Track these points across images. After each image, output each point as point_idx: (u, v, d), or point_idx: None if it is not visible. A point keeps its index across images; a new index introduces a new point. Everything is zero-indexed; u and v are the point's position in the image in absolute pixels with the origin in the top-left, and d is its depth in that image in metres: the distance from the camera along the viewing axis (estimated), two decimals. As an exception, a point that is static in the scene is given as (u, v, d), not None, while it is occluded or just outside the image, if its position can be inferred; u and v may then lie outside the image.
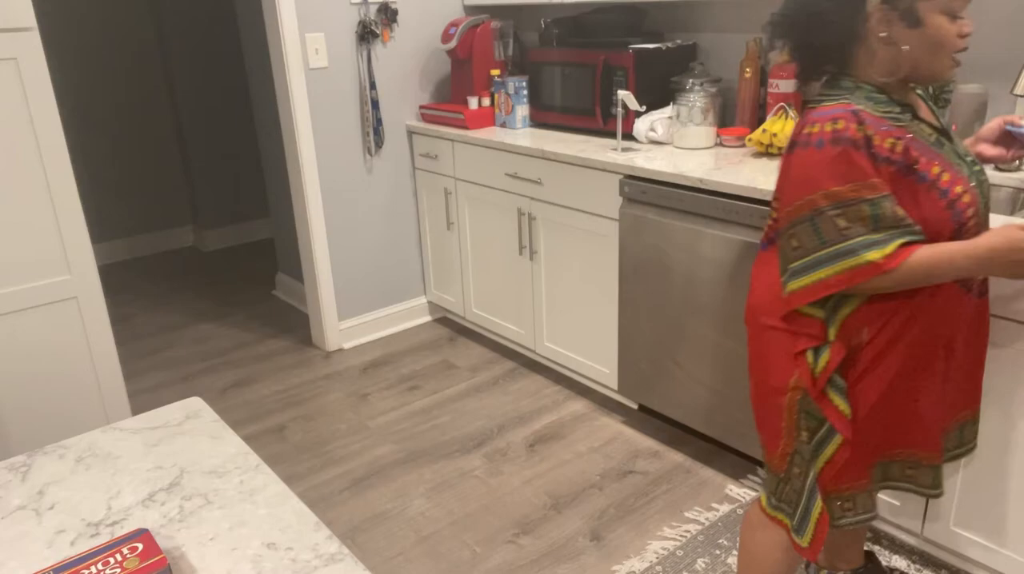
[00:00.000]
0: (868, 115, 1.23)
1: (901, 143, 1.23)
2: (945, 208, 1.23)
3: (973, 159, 1.33)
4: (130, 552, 0.82)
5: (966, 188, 1.26)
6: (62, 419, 2.01)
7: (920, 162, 1.24)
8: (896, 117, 1.26)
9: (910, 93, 1.32)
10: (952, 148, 1.30)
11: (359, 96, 3.14)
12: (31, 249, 1.91)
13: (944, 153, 1.27)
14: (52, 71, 1.87)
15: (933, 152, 1.26)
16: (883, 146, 1.22)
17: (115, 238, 4.59)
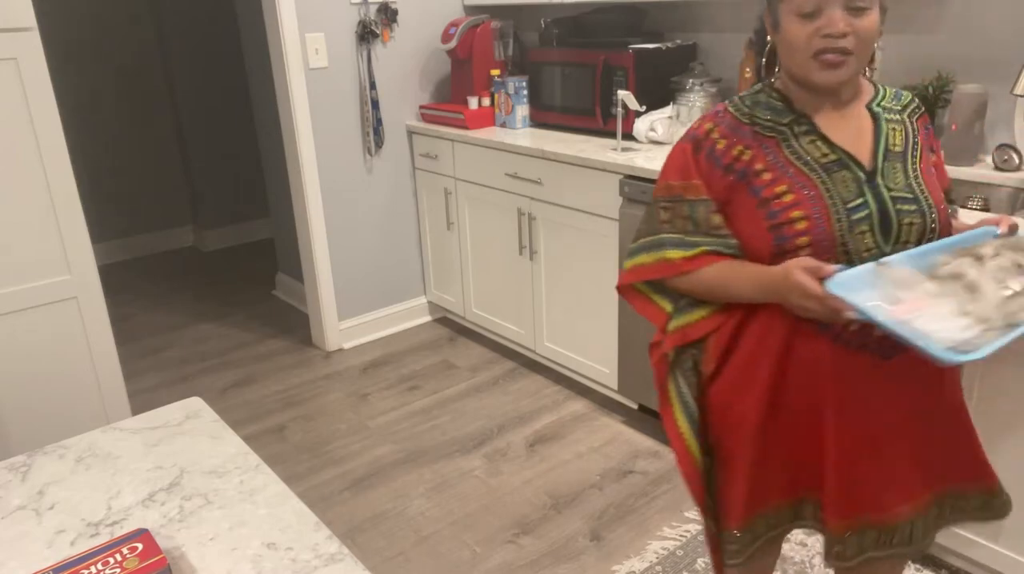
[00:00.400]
0: (731, 118, 1.20)
1: (749, 153, 1.17)
2: (768, 230, 1.14)
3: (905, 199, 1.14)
4: (130, 552, 0.82)
5: (813, 217, 1.11)
6: (62, 419, 2.01)
7: (761, 177, 1.16)
8: (773, 125, 1.17)
9: (819, 102, 1.18)
10: (855, 177, 1.14)
11: (359, 96, 3.14)
12: (31, 249, 1.91)
13: (823, 179, 1.14)
14: (52, 71, 1.86)
15: (795, 172, 1.14)
16: (729, 153, 1.18)
17: (115, 238, 4.59)
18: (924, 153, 1.19)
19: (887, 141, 1.17)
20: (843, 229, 1.12)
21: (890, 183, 1.14)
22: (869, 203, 1.13)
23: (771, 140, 1.17)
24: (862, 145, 1.17)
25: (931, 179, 1.18)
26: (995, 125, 2.09)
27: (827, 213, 1.12)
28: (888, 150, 1.17)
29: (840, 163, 1.15)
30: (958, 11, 2.12)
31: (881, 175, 1.15)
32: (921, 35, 2.20)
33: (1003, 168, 2.00)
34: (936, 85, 2.12)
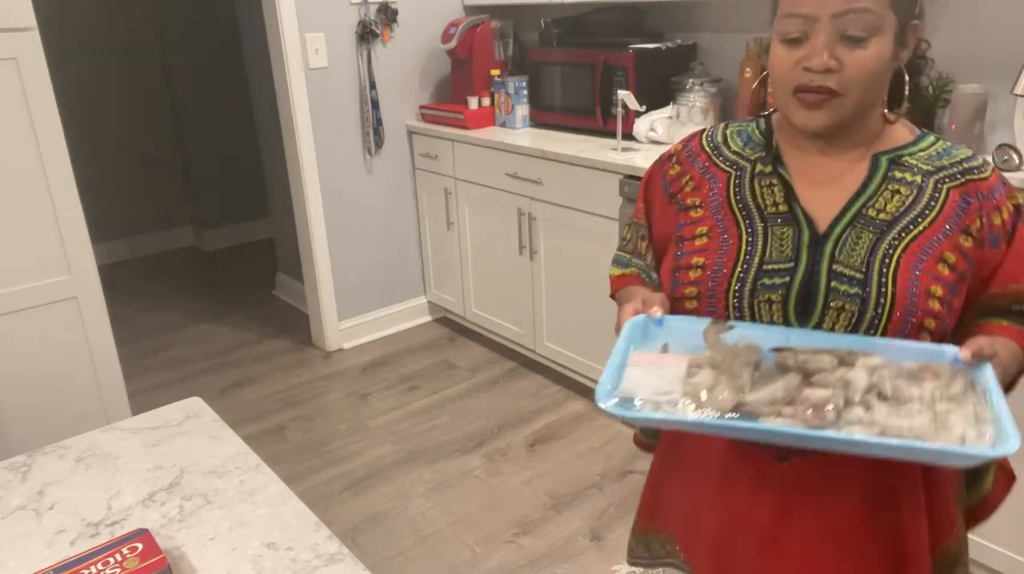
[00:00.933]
0: (696, 143, 1.08)
1: (691, 184, 1.05)
2: (670, 271, 1.03)
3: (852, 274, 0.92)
4: (130, 552, 0.82)
5: (711, 269, 0.97)
6: (62, 419, 2.01)
7: (690, 213, 1.03)
8: (735, 159, 1.04)
9: (803, 141, 1.00)
10: (796, 237, 0.95)
11: (359, 96, 3.14)
12: (31, 249, 1.91)
13: (755, 230, 0.97)
14: (52, 71, 1.87)
15: (726, 215, 1.00)
16: (679, 181, 1.07)
17: (115, 238, 4.59)
18: (936, 232, 0.92)
19: (869, 203, 0.95)
20: (742, 292, 0.95)
21: (841, 254, 0.93)
22: (797, 271, 0.93)
23: (723, 175, 1.03)
24: (831, 201, 0.96)
25: (925, 266, 0.91)
26: (995, 125, 2.09)
27: (730, 269, 0.96)
28: (862, 215, 0.94)
29: (788, 218, 0.96)
30: (958, 11, 2.12)
31: (834, 243, 0.94)
32: (921, 35, 2.20)
33: (1003, 168, 2.00)
34: (936, 85, 2.12)
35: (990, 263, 0.95)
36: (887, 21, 0.88)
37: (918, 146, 0.98)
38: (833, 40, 0.88)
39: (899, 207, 0.94)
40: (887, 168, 0.96)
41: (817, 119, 0.92)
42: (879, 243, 0.92)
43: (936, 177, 0.95)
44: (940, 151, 0.98)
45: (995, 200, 0.95)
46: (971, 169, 0.96)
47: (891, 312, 0.90)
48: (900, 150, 0.97)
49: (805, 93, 0.90)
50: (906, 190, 0.95)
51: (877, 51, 0.88)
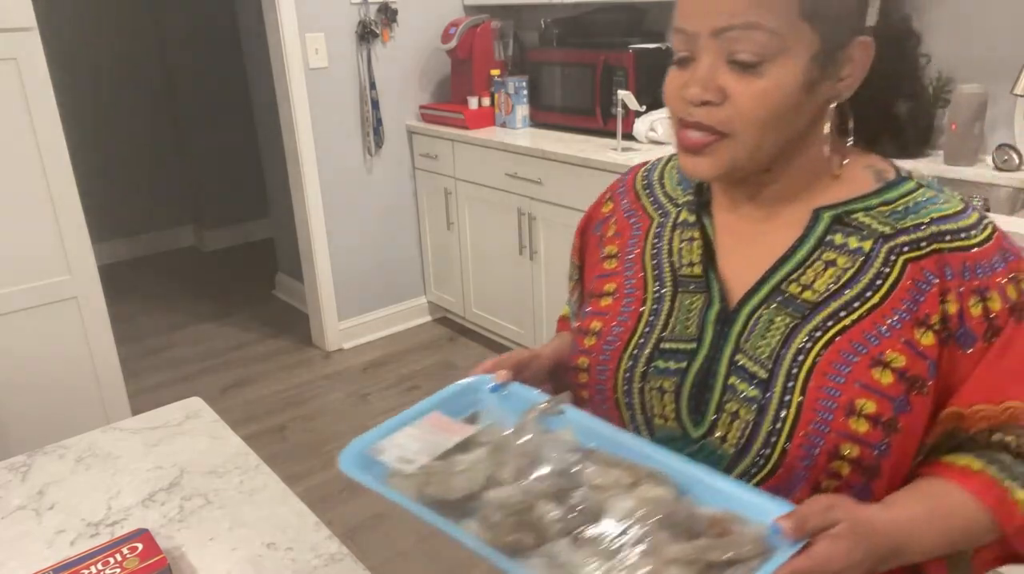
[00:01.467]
0: (631, 179, 0.92)
1: (614, 228, 0.88)
2: (575, 330, 0.87)
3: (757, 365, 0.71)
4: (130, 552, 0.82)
5: (605, 338, 0.80)
6: (62, 419, 2.01)
7: (604, 265, 0.87)
8: (663, 202, 0.86)
9: (732, 187, 0.79)
10: (703, 309, 0.76)
11: (359, 96, 3.14)
12: (31, 249, 1.91)
13: (662, 295, 0.79)
14: (52, 71, 1.87)
15: (636, 272, 0.82)
16: (608, 221, 0.90)
17: (115, 238, 4.59)
18: (878, 322, 0.69)
19: (793, 276, 0.73)
20: (633, 373, 0.77)
21: (747, 341, 0.73)
22: (697, 355, 0.75)
23: (646, 222, 0.85)
24: (752, 268, 0.76)
25: (853, 370, 0.68)
26: (995, 125, 2.09)
27: (624, 342, 0.79)
28: (781, 290, 0.73)
29: (701, 284, 0.78)
30: (958, 11, 2.12)
31: (743, 324, 0.73)
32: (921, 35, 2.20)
33: (1003, 168, 2.00)
34: (936, 85, 2.12)
35: (961, 370, 0.69)
36: (795, 41, 0.66)
37: (882, 197, 0.74)
38: (718, 65, 0.68)
39: (831, 284, 0.71)
40: (826, 229, 0.73)
41: (701, 166, 0.72)
42: (796, 332, 0.70)
43: (893, 243, 0.71)
44: (912, 205, 0.73)
45: (981, 280, 0.69)
46: (949, 233, 0.70)
47: (793, 430, 0.68)
48: (851, 204, 0.74)
49: (685, 130, 0.72)
50: (845, 260, 0.71)
51: (777, 81, 0.66)
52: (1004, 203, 1.99)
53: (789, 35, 0.66)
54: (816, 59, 0.67)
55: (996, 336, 0.69)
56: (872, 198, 0.74)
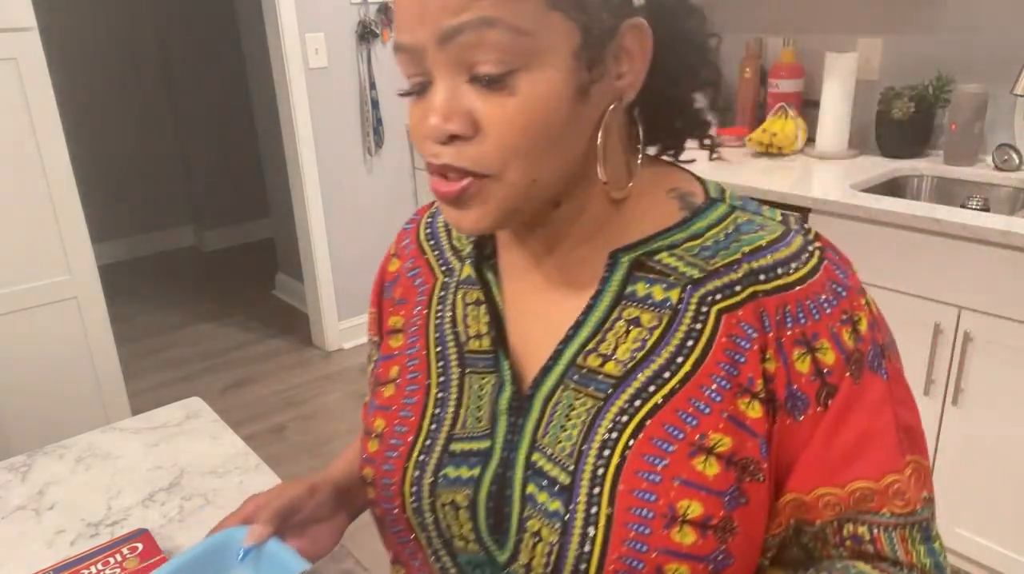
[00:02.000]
0: (415, 228, 0.73)
1: (400, 291, 0.71)
2: (362, 432, 0.69)
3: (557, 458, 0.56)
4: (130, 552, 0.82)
5: (387, 442, 0.63)
6: (62, 419, 2.01)
7: (389, 341, 0.69)
8: (449, 257, 0.68)
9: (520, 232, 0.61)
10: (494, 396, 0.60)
11: (359, 96, 3.14)
12: (31, 249, 1.91)
13: (447, 380, 0.62)
14: (52, 71, 1.87)
15: (419, 351, 0.65)
16: (395, 285, 0.72)
17: (115, 238, 4.59)
18: (692, 395, 0.54)
19: (591, 343, 0.57)
20: (420, 487, 0.60)
21: (545, 436, 0.56)
22: (491, 457, 0.58)
23: (430, 281, 0.68)
24: (548, 335, 0.59)
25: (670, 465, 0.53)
26: (995, 125, 2.09)
27: (409, 445, 0.62)
28: (578, 365, 0.57)
29: (490, 361, 0.61)
30: (958, 11, 2.12)
31: (540, 412, 0.57)
32: (921, 35, 2.20)
33: (1003, 168, 2.00)
34: (936, 85, 2.12)
35: (797, 443, 0.54)
36: (548, 38, 0.49)
37: (689, 229, 0.57)
38: (458, 85, 0.51)
39: (635, 350, 0.55)
40: (625, 278, 0.57)
41: (465, 220, 0.54)
42: (599, 419, 0.54)
43: (703, 290, 0.55)
44: (723, 237, 0.57)
45: (805, 326, 0.54)
46: (765, 270, 0.55)
47: (604, 554, 0.52)
48: (653, 242, 0.57)
49: (435, 178, 0.54)
50: (650, 318, 0.56)
51: (536, 93, 0.50)
52: (1004, 203, 1.99)
53: (539, 32, 0.49)
54: (580, 56, 0.50)
55: (832, 398, 0.53)
56: (677, 232, 0.58)
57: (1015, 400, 1.65)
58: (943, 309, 1.71)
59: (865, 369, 0.54)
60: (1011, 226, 1.57)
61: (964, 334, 1.68)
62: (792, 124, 2.28)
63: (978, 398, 1.71)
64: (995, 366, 1.66)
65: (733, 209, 0.59)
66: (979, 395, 1.70)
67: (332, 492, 0.72)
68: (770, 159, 2.29)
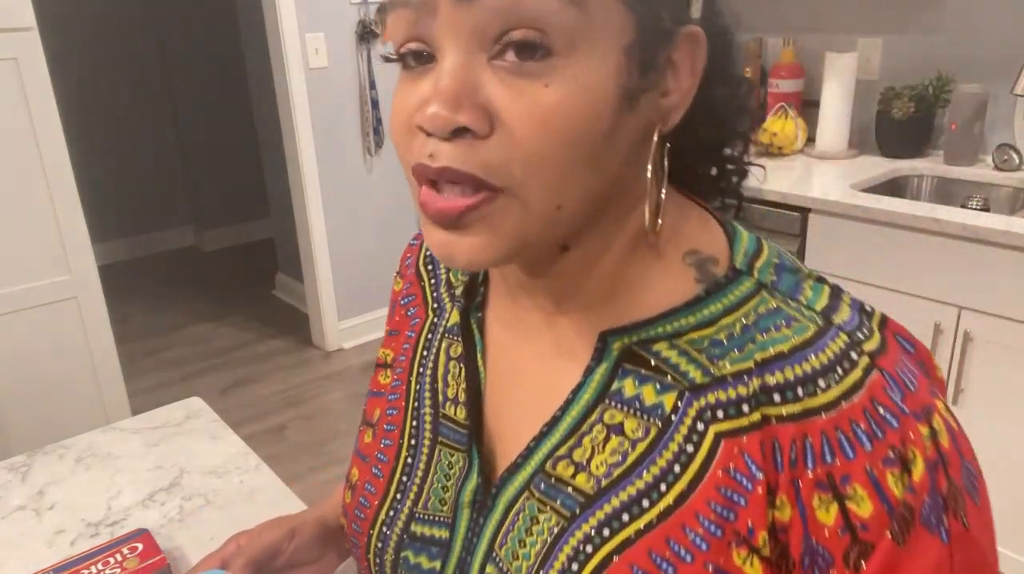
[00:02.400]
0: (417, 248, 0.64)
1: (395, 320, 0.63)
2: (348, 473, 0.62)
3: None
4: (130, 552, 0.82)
5: (359, 495, 0.57)
6: (62, 419, 2.01)
7: (380, 378, 0.62)
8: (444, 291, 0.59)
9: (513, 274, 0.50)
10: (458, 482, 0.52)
11: (359, 96, 3.14)
12: (31, 249, 1.91)
13: (415, 447, 0.55)
14: (52, 71, 1.87)
15: (396, 402, 0.58)
16: (398, 309, 0.63)
17: (115, 238, 4.59)
18: (673, 531, 0.42)
19: (563, 447, 0.46)
20: (382, 559, 0.55)
21: (503, 547, 0.48)
22: (452, 548, 0.51)
23: (421, 316, 0.59)
24: (528, 420, 0.49)
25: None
26: (995, 125, 2.09)
27: (373, 509, 0.56)
28: (546, 471, 0.47)
29: (462, 438, 0.52)
30: (958, 11, 2.12)
31: (502, 515, 0.48)
32: (921, 35, 2.20)
33: (1003, 168, 2.00)
34: (936, 85, 2.13)
35: None
36: (604, 20, 0.38)
37: (699, 312, 0.44)
38: (473, 62, 0.38)
39: (613, 465, 0.44)
40: (614, 368, 0.45)
41: (461, 249, 0.42)
42: (562, 542, 0.45)
43: (703, 401, 0.43)
44: (740, 331, 0.43)
45: (833, 465, 0.40)
46: (781, 389, 0.41)
47: None
48: (654, 326, 0.45)
49: (428, 187, 0.43)
50: (635, 426, 0.44)
51: (578, 85, 0.38)
52: (1004, 203, 1.99)
53: (594, 8, 0.37)
54: (632, 55, 0.39)
55: (866, 559, 0.39)
56: (685, 314, 0.44)
57: (1015, 400, 1.65)
58: (943, 309, 1.71)
59: (916, 526, 0.39)
60: (1011, 226, 1.57)
61: (964, 334, 1.68)
62: (792, 124, 2.28)
63: (978, 398, 1.71)
64: (995, 366, 1.66)
65: (760, 288, 0.44)
66: (979, 395, 1.70)
67: (317, 533, 0.69)
68: (770, 159, 2.29)
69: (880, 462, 0.39)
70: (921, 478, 0.39)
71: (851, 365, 0.41)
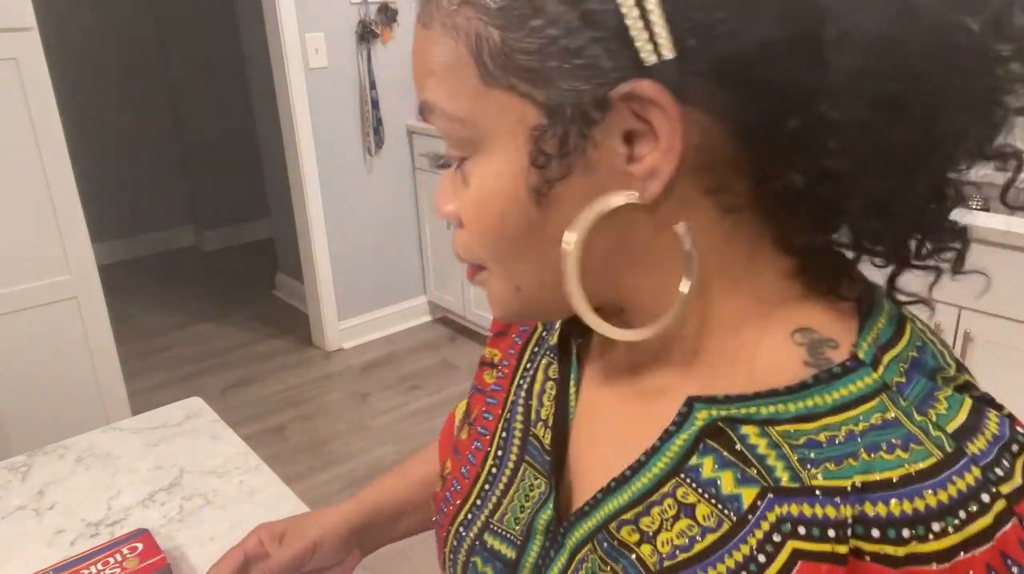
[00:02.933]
0: None
1: (498, 351, 0.61)
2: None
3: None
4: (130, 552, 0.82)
5: (447, 491, 0.57)
6: (62, 419, 2.01)
7: (477, 391, 0.61)
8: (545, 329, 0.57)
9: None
10: (533, 509, 0.50)
11: (359, 96, 3.14)
12: (31, 249, 1.91)
13: (501, 461, 0.54)
14: (52, 71, 1.87)
15: (493, 420, 0.56)
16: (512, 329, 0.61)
17: (115, 238, 4.59)
18: None
19: (630, 512, 0.43)
20: (456, 558, 0.55)
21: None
22: (523, 563, 0.49)
23: (532, 326, 0.58)
24: (609, 463, 0.45)
25: None
26: (995, 125, 2.09)
27: (455, 508, 0.56)
28: (609, 531, 0.44)
29: (546, 463, 0.50)
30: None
31: (568, 560, 0.46)
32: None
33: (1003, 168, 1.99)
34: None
35: None
36: (495, 121, 0.39)
37: (803, 400, 0.38)
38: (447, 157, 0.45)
39: (678, 547, 0.40)
40: (695, 440, 0.41)
41: (490, 304, 0.47)
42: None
43: (788, 508, 0.36)
44: (846, 436, 0.36)
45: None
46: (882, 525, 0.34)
47: None
48: (746, 404, 0.39)
49: None
50: (707, 512, 0.40)
51: (483, 186, 0.41)
52: (1004, 203, 1.99)
53: (476, 117, 0.39)
54: (541, 143, 0.37)
55: None
56: (786, 399, 0.38)
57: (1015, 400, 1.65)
58: (943, 309, 1.71)
59: None
60: (1011, 226, 1.57)
61: (964, 334, 1.68)
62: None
63: (978, 398, 1.71)
64: (995, 366, 1.66)
65: (883, 388, 0.37)
66: (979, 395, 1.71)
67: (340, 539, 0.71)
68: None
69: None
70: None
71: (980, 509, 0.33)
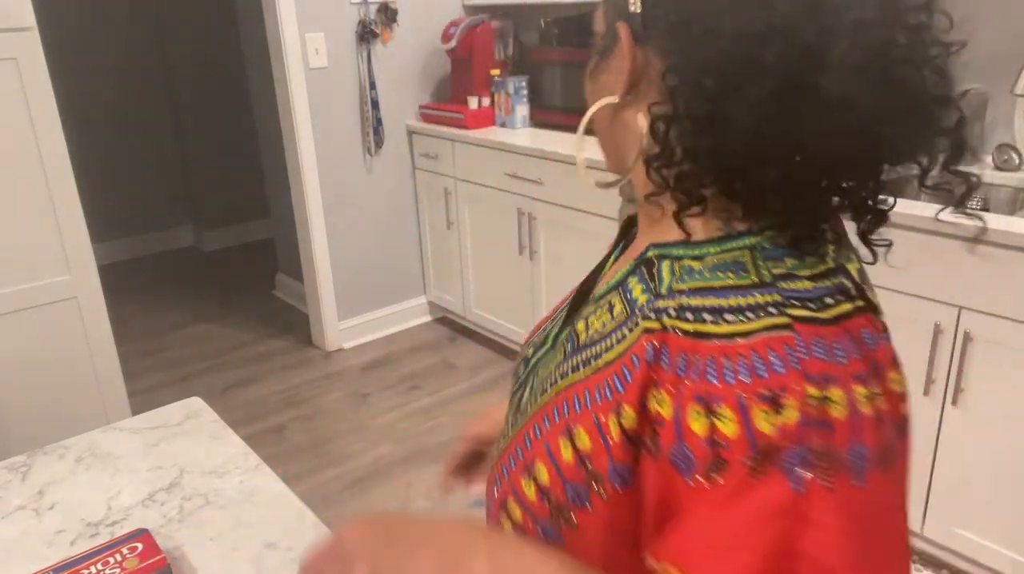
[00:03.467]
0: None
1: None
2: None
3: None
4: (130, 552, 0.82)
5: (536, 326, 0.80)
6: (62, 419, 2.01)
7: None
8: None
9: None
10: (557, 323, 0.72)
11: (359, 96, 3.14)
12: (31, 249, 1.91)
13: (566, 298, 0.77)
14: (52, 71, 1.87)
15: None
16: None
17: (115, 238, 4.59)
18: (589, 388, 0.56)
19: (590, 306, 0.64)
20: (519, 367, 0.75)
21: (540, 363, 0.68)
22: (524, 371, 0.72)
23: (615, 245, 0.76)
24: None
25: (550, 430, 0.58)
26: (995, 125, 2.09)
27: (532, 332, 0.78)
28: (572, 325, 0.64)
29: (581, 294, 0.71)
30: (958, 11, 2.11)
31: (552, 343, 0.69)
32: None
33: (1003, 168, 2.00)
34: (936, 85, 2.12)
35: (679, 501, 0.48)
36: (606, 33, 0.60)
37: (702, 248, 0.54)
38: None
39: (597, 331, 0.59)
40: (634, 267, 0.59)
41: None
42: (557, 369, 0.62)
43: (656, 304, 0.53)
44: (711, 267, 0.52)
45: (714, 384, 0.47)
46: (696, 310, 0.50)
47: (501, 456, 0.65)
48: (673, 248, 0.56)
49: None
50: (620, 311, 0.57)
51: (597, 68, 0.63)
52: (1004, 203, 1.99)
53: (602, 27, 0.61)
54: (596, 42, 0.62)
55: (720, 474, 0.45)
56: (694, 247, 0.54)
57: (1015, 400, 1.65)
58: (943, 309, 1.71)
59: (772, 466, 0.44)
60: (1011, 226, 1.57)
61: (964, 334, 1.68)
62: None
63: (978, 398, 1.71)
64: (995, 366, 1.66)
65: (752, 247, 0.52)
66: (979, 395, 1.71)
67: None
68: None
69: (753, 396, 0.45)
70: (792, 427, 0.44)
71: (763, 315, 0.48)
